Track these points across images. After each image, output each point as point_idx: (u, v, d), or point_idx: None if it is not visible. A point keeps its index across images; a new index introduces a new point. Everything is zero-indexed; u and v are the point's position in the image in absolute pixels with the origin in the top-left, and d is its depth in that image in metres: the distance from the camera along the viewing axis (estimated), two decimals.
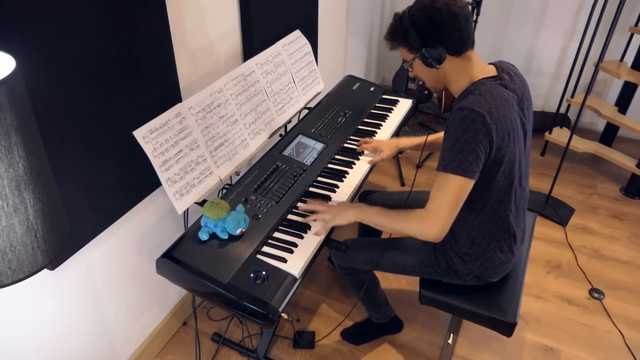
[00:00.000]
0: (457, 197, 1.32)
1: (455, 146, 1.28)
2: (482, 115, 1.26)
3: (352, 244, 1.72)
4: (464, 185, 1.31)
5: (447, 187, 1.32)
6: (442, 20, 1.30)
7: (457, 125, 1.28)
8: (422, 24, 1.32)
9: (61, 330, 1.47)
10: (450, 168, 1.29)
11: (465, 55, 1.36)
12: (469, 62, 1.37)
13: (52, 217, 0.76)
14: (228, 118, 1.65)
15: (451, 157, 1.29)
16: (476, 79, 1.37)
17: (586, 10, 2.96)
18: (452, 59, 1.36)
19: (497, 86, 1.35)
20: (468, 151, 1.27)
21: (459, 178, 1.30)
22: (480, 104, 1.27)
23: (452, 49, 1.34)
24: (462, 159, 1.28)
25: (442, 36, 1.32)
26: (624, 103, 2.96)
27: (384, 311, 1.96)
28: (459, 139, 1.27)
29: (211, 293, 1.32)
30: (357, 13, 3.17)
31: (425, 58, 1.35)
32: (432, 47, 1.33)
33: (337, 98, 2.21)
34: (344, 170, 1.79)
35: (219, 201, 1.43)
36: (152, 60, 1.43)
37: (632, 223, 2.66)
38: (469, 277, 1.57)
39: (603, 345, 2.01)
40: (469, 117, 1.26)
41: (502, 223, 1.47)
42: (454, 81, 1.41)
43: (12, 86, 0.65)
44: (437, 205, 1.34)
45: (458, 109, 1.29)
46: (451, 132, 1.30)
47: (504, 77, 1.38)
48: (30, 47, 1.07)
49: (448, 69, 1.38)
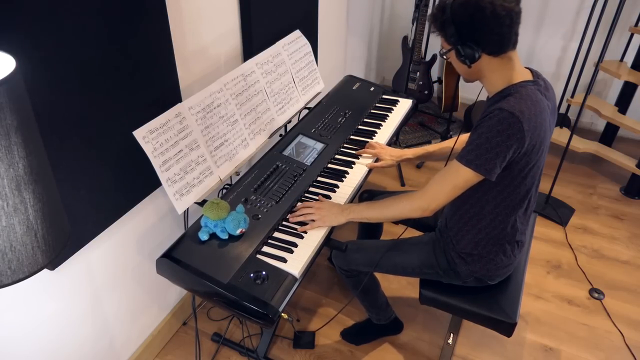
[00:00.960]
0: (461, 187, 1.35)
1: (485, 145, 1.27)
2: (521, 121, 1.24)
3: (351, 245, 1.72)
4: (473, 180, 1.32)
5: (456, 177, 1.33)
6: (483, 20, 1.25)
7: (492, 125, 1.26)
8: (461, 19, 1.27)
9: (61, 330, 1.47)
10: (474, 164, 1.29)
11: (504, 55, 1.32)
12: (507, 63, 1.33)
13: (52, 217, 0.76)
14: (228, 118, 1.65)
15: (477, 154, 1.28)
16: (515, 81, 1.34)
17: (586, 10, 2.96)
18: (489, 58, 1.32)
19: (537, 92, 1.32)
20: (496, 153, 1.26)
21: (473, 174, 1.30)
22: (521, 109, 1.25)
23: (489, 49, 1.30)
24: (489, 159, 1.27)
25: (480, 36, 1.27)
26: (624, 103, 2.97)
27: (384, 312, 1.96)
28: (491, 140, 1.26)
29: (211, 293, 1.32)
30: (357, 13, 3.17)
31: (459, 54, 1.32)
32: (468, 45, 1.29)
33: (337, 98, 2.21)
34: (344, 170, 1.79)
35: (219, 201, 1.43)
36: (152, 60, 1.43)
37: (632, 223, 2.66)
38: (469, 279, 1.57)
39: (603, 345, 2.01)
40: (507, 120, 1.24)
41: (510, 227, 1.47)
42: (489, 79, 1.38)
43: (12, 86, 0.65)
44: (438, 189, 1.37)
45: (498, 109, 1.26)
46: (484, 129, 1.28)
47: (541, 83, 1.36)
48: (30, 47, 1.07)
49: (484, 67, 1.34)
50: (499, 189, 1.38)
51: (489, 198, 1.41)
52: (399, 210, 1.47)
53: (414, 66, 3.25)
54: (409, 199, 1.45)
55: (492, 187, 1.38)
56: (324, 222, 1.51)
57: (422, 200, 1.41)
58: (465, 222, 1.50)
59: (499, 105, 1.28)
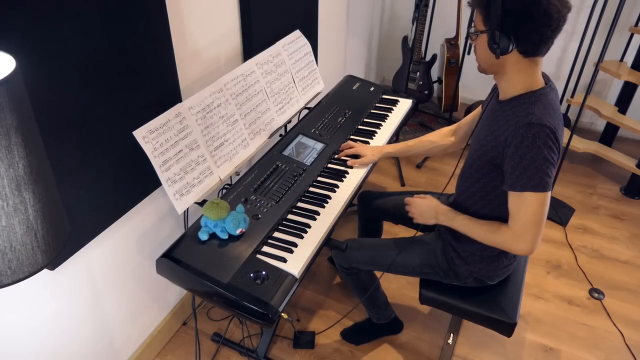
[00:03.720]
0: (542, 213, 1.29)
1: (533, 165, 1.24)
2: (554, 131, 1.23)
3: (352, 244, 1.72)
4: (545, 201, 1.28)
5: (530, 206, 1.28)
6: (534, 15, 1.18)
7: (531, 143, 1.23)
8: (512, 6, 1.19)
9: (61, 330, 1.47)
10: (531, 187, 1.25)
11: (533, 59, 1.27)
12: (533, 67, 1.29)
13: (52, 217, 0.76)
14: (228, 118, 1.65)
15: (529, 175, 1.25)
16: (535, 87, 1.30)
17: (586, 10, 2.96)
18: (519, 56, 1.26)
19: (553, 96, 1.31)
20: (547, 167, 1.24)
21: (539, 195, 1.26)
22: (549, 119, 1.24)
23: (524, 47, 1.24)
24: (542, 176, 1.24)
25: (522, 31, 1.21)
26: (624, 103, 2.96)
27: (384, 312, 1.96)
28: (537, 157, 1.23)
29: (211, 293, 1.32)
30: (357, 13, 3.17)
31: (492, 40, 1.24)
32: (506, 35, 1.22)
33: (337, 98, 2.21)
34: (344, 170, 1.79)
35: (219, 201, 1.43)
36: (152, 60, 1.43)
37: (632, 223, 2.66)
38: (469, 280, 1.57)
39: (603, 345, 2.01)
40: (543, 133, 1.22)
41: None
42: (509, 78, 1.32)
43: (12, 86, 0.65)
44: (522, 226, 1.31)
45: (527, 124, 1.23)
46: (524, 150, 1.24)
47: (553, 86, 1.34)
48: (30, 47, 1.07)
49: (510, 64, 1.28)
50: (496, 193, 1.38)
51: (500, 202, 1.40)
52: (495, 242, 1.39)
53: (414, 66, 3.25)
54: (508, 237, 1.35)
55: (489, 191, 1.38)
56: (418, 220, 1.56)
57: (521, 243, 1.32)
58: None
59: (527, 121, 1.24)
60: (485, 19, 1.26)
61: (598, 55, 2.51)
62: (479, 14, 1.28)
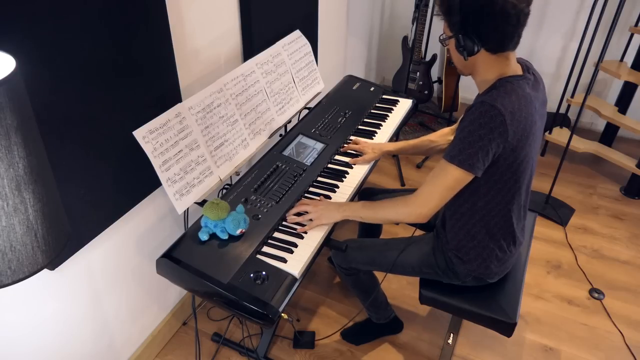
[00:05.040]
0: (452, 187, 1.34)
1: (467, 139, 1.27)
2: (503, 114, 1.24)
3: (351, 244, 1.72)
4: (462, 178, 1.32)
5: (445, 176, 1.33)
6: (490, 15, 1.22)
7: (474, 119, 1.26)
8: (469, 9, 1.24)
9: (61, 330, 1.47)
10: (457, 160, 1.29)
11: (501, 54, 1.30)
12: (503, 61, 1.32)
13: (52, 217, 0.76)
14: (228, 118, 1.65)
15: (460, 149, 1.28)
16: (504, 76, 1.33)
17: (586, 10, 2.96)
18: (486, 54, 1.30)
19: (524, 86, 1.32)
20: (479, 147, 1.26)
21: (460, 171, 1.30)
22: (504, 102, 1.25)
23: (489, 45, 1.28)
24: (471, 153, 1.27)
25: (484, 31, 1.25)
26: (624, 103, 2.97)
27: (384, 312, 1.96)
28: (473, 133, 1.26)
29: (211, 293, 1.32)
30: (357, 13, 3.17)
31: (458, 43, 1.29)
32: (469, 37, 1.27)
33: (337, 98, 2.21)
34: (344, 170, 1.79)
35: (219, 201, 1.43)
36: (152, 60, 1.43)
37: (632, 223, 2.66)
38: (468, 279, 1.57)
39: (603, 345, 2.01)
40: (489, 113, 1.24)
41: (504, 222, 1.47)
42: (481, 75, 1.37)
43: (12, 86, 0.65)
44: (429, 191, 1.36)
45: (480, 102, 1.27)
46: (466, 123, 1.28)
47: (530, 77, 1.36)
48: (30, 47, 1.07)
49: (479, 63, 1.33)
50: (490, 184, 1.38)
51: (480, 194, 1.42)
52: (393, 213, 1.45)
53: (414, 66, 3.25)
54: (404, 203, 1.43)
55: (482, 183, 1.38)
56: (321, 220, 1.51)
57: (416, 205, 1.39)
58: (459, 218, 1.50)
59: (481, 99, 1.28)
60: (449, 24, 1.32)
61: (598, 55, 2.51)
62: (444, 20, 1.33)
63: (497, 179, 1.37)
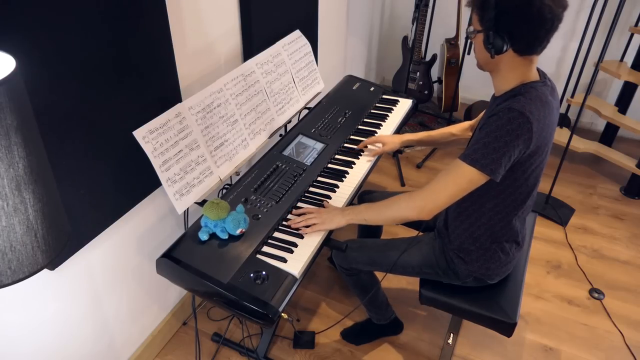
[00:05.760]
0: (464, 188, 1.31)
1: (493, 144, 1.25)
2: (531, 122, 1.23)
3: (352, 244, 1.72)
4: (478, 181, 1.29)
5: (460, 177, 1.29)
6: (527, 17, 1.19)
7: (502, 124, 1.24)
8: (505, 7, 1.21)
9: (61, 331, 1.47)
10: (479, 164, 1.26)
11: (527, 57, 1.29)
12: (528, 65, 1.30)
13: (52, 217, 0.76)
14: (228, 118, 1.65)
15: (484, 153, 1.26)
16: (527, 81, 1.31)
17: (586, 10, 2.96)
18: (513, 55, 1.28)
19: (546, 92, 1.31)
20: (503, 153, 1.24)
21: (479, 174, 1.27)
22: (531, 109, 1.24)
23: (518, 47, 1.26)
24: (495, 159, 1.25)
25: (516, 31, 1.23)
26: (624, 103, 2.97)
27: (384, 312, 1.96)
28: (500, 139, 1.24)
29: (211, 293, 1.32)
30: (357, 13, 3.17)
31: (487, 40, 1.26)
32: (500, 35, 1.23)
33: (337, 98, 2.21)
34: (344, 170, 1.79)
35: (219, 201, 1.43)
36: (152, 60, 1.43)
37: (632, 223, 2.66)
38: (469, 279, 1.57)
39: (603, 345, 2.01)
40: (517, 120, 1.23)
41: (509, 225, 1.47)
42: (503, 76, 1.34)
43: (12, 86, 0.65)
44: (439, 188, 1.33)
45: (508, 108, 1.24)
46: (493, 128, 1.25)
47: (549, 83, 1.35)
48: (30, 47, 1.07)
49: (505, 62, 1.30)
50: (501, 188, 1.37)
51: (489, 197, 1.41)
52: (396, 209, 1.42)
53: (414, 66, 3.25)
54: (409, 198, 1.40)
55: (493, 186, 1.36)
56: (324, 226, 1.50)
57: (420, 200, 1.36)
58: (464, 219, 1.49)
59: (508, 105, 1.25)
60: (480, 19, 1.28)
61: (598, 55, 2.51)
62: (475, 13, 1.30)
63: (510, 183, 1.36)
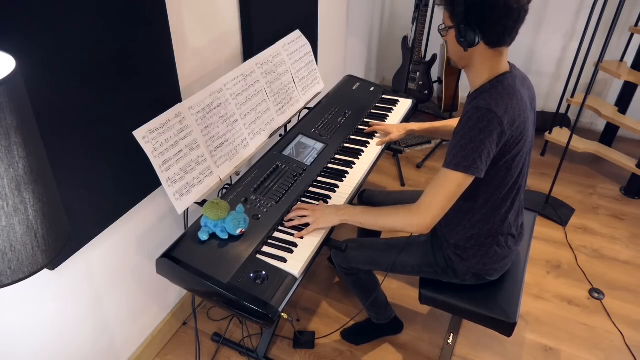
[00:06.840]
0: (455, 194, 1.34)
1: (469, 145, 1.28)
2: (499, 116, 1.25)
3: (351, 244, 1.72)
4: (463, 182, 1.32)
5: (448, 185, 1.32)
6: (494, 8, 1.23)
7: (473, 125, 1.27)
8: (473, 0, 1.25)
9: (61, 330, 1.47)
10: (462, 167, 1.29)
11: (498, 49, 1.32)
12: (498, 57, 1.34)
13: (52, 217, 0.76)
14: (228, 118, 1.65)
15: (464, 155, 1.29)
16: (496, 74, 1.35)
17: (586, 10, 2.96)
18: (485, 47, 1.31)
19: (515, 82, 1.34)
20: (482, 150, 1.27)
21: (464, 177, 1.30)
22: (497, 104, 1.27)
23: (489, 39, 1.29)
24: (476, 158, 1.28)
25: (486, 23, 1.26)
26: (624, 103, 2.96)
27: (384, 312, 1.96)
28: (474, 139, 1.27)
29: (211, 293, 1.32)
30: (357, 13, 3.17)
31: (459, 34, 1.30)
32: (471, 28, 1.28)
33: (337, 98, 2.21)
34: (344, 170, 1.79)
35: (219, 201, 1.43)
36: (152, 60, 1.43)
37: (632, 223, 2.66)
38: (467, 276, 1.57)
39: (603, 345, 2.01)
40: (486, 117, 1.26)
41: (502, 218, 1.48)
42: (476, 70, 1.37)
43: (12, 86, 0.65)
44: (430, 199, 1.35)
45: (475, 107, 1.28)
46: (466, 130, 1.29)
47: (515, 73, 1.37)
48: (30, 47, 1.07)
49: (477, 56, 1.34)
50: (488, 182, 1.39)
51: (478, 193, 1.43)
52: (393, 221, 1.42)
53: (414, 66, 3.25)
54: (405, 213, 1.40)
55: (481, 182, 1.38)
56: (318, 224, 1.49)
57: (418, 216, 1.37)
58: (457, 218, 1.51)
59: (475, 104, 1.29)
60: (451, 14, 1.33)
61: (598, 55, 2.51)
62: (446, 10, 1.34)
63: (494, 175, 1.38)
